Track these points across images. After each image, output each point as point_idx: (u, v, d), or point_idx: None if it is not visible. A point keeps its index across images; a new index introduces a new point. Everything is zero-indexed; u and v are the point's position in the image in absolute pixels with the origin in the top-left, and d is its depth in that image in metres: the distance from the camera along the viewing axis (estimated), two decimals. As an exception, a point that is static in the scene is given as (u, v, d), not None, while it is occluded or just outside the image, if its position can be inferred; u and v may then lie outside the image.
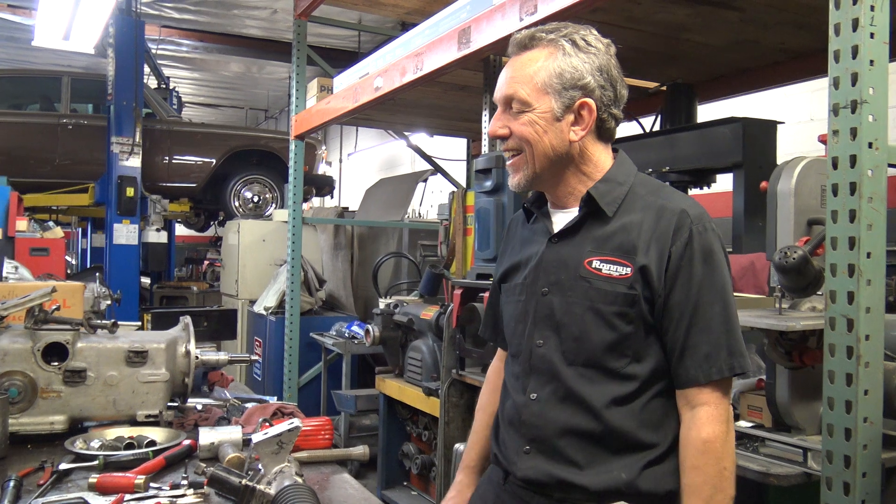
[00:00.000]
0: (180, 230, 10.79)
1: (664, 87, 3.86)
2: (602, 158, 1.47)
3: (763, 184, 2.02)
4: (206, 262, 11.94)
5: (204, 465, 1.41)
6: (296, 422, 1.44)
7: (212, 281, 10.37)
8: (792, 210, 1.94)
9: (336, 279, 6.18)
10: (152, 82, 9.33)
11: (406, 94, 4.00)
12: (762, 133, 3.16)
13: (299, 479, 1.35)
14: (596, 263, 1.40)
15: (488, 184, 3.37)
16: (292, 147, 5.25)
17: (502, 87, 1.44)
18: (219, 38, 10.72)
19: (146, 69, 8.28)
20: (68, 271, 7.95)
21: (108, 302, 3.68)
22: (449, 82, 3.99)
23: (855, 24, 1.59)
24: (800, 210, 1.95)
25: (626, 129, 4.26)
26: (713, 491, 1.31)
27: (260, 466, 1.54)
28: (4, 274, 3.82)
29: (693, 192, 3.50)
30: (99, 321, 2.04)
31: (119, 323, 2.09)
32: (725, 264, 1.40)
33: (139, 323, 3.15)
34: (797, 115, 5.17)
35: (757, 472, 1.80)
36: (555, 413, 1.43)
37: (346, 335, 5.06)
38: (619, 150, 1.52)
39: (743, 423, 2.12)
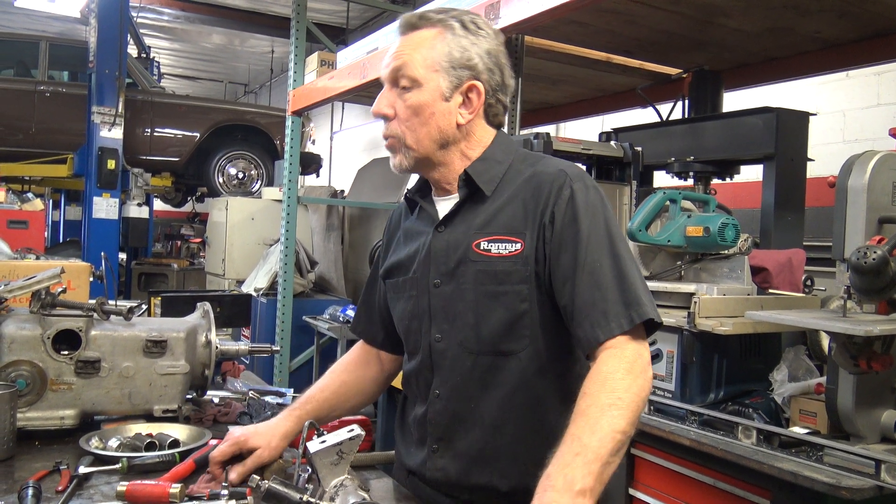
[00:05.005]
0: (155, 205, 10.48)
1: (686, 75, 3.75)
2: (487, 143, 1.45)
3: (831, 178, 1.91)
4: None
5: (258, 477, 1.26)
6: (356, 429, 1.29)
7: (188, 257, 10.12)
8: (864, 207, 1.84)
9: (327, 261, 6.00)
10: (132, 51, 8.99)
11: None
12: (795, 124, 3.06)
13: (365, 495, 1.21)
14: (484, 244, 1.37)
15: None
16: (289, 123, 5.04)
17: (390, 61, 1.40)
18: (201, 7, 10.37)
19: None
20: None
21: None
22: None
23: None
24: (871, 207, 1.84)
25: (642, 116, 4.13)
26: (600, 414, 1.12)
27: (301, 474, 1.40)
28: (-21, 247, 3.58)
29: (715, 182, 3.39)
30: (113, 306, 1.86)
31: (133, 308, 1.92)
32: (612, 219, 1.34)
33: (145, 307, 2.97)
34: (821, 107, 5.04)
35: (826, 485, 1.70)
36: (460, 408, 1.39)
37: (342, 319, 4.88)
38: (499, 131, 1.48)
39: (797, 429, 2.02)
